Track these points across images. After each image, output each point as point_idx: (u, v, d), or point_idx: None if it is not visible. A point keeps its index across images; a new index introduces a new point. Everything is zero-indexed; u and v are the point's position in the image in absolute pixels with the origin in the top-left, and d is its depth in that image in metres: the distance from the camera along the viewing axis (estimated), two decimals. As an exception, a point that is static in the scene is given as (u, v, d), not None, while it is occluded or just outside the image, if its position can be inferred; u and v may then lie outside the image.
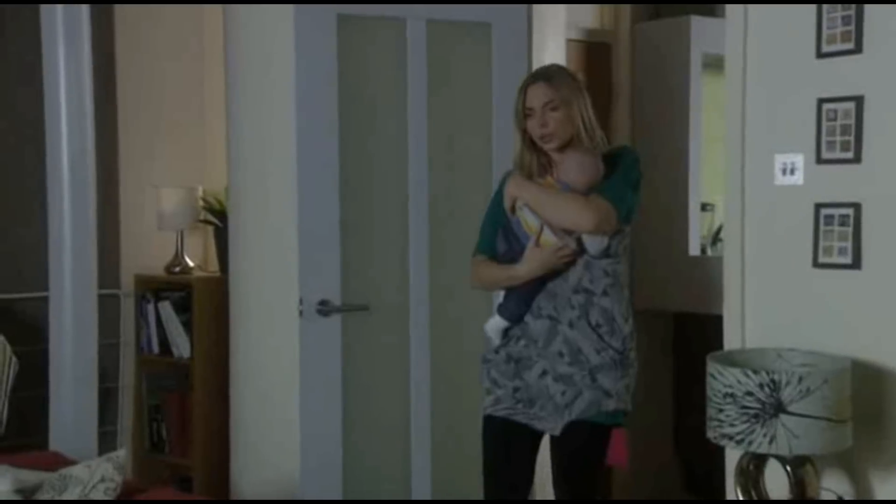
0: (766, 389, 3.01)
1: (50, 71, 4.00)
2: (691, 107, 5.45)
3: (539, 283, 3.47)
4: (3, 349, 4.19)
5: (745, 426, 3.05)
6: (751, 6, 3.56)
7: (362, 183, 4.22)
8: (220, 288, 4.93)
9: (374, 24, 4.20)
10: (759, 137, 3.56)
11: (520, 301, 3.50)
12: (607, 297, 3.45)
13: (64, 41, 3.96)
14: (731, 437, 3.08)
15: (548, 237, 3.41)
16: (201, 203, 5.28)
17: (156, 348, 5.21)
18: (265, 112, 4.30)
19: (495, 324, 3.55)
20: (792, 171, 3.47)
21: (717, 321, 5.43)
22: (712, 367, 3.17)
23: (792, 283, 3.48)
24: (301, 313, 4.08)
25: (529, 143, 3.51)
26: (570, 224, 3.40)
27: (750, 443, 3.05)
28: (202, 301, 5.08)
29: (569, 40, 5.05)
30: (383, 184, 4.28)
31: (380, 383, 4.31)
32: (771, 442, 3.02)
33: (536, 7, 4.58)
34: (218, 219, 5.22)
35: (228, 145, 4.51)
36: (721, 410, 3.12)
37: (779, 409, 3.00)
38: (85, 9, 4.07)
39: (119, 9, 5.11)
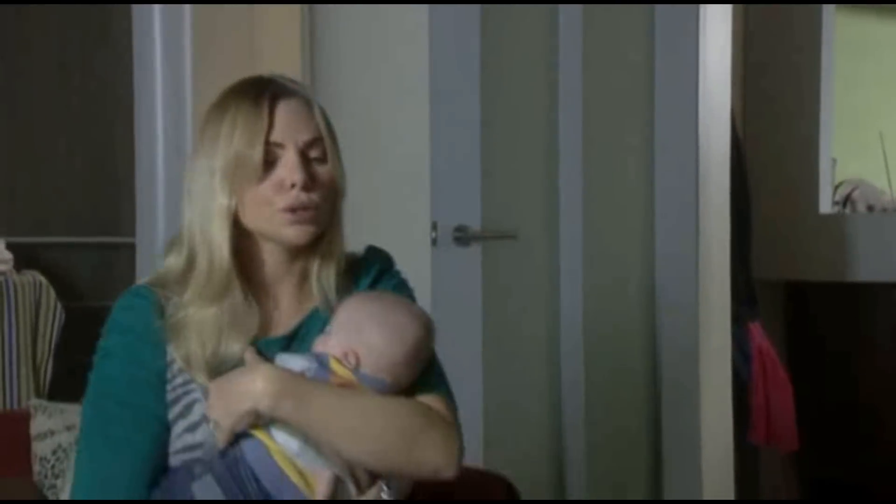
0: None
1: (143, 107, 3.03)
2: (823, 45, 4.82)
3: None
4: (46, 292, 3.22)
5: None
6: None
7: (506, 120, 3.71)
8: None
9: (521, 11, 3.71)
10: None
11: None
12: None
13: (162, 65, 2.96)
14: None
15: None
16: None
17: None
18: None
19: None
20: None
21: (846, 290, 4.84)
22: None
23: None
24: (434, 241, 3.46)
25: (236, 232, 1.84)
26: (421, 469, 1.74)
27: None
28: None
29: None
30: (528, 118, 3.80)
31: (526, 322, 3.76)
32: None
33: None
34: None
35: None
36: None
37: None
38: (188, 9, 3.02)
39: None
